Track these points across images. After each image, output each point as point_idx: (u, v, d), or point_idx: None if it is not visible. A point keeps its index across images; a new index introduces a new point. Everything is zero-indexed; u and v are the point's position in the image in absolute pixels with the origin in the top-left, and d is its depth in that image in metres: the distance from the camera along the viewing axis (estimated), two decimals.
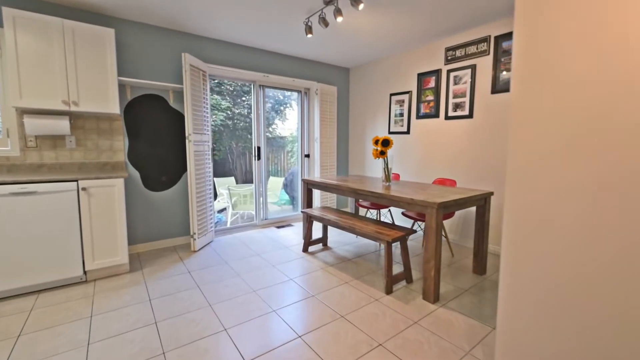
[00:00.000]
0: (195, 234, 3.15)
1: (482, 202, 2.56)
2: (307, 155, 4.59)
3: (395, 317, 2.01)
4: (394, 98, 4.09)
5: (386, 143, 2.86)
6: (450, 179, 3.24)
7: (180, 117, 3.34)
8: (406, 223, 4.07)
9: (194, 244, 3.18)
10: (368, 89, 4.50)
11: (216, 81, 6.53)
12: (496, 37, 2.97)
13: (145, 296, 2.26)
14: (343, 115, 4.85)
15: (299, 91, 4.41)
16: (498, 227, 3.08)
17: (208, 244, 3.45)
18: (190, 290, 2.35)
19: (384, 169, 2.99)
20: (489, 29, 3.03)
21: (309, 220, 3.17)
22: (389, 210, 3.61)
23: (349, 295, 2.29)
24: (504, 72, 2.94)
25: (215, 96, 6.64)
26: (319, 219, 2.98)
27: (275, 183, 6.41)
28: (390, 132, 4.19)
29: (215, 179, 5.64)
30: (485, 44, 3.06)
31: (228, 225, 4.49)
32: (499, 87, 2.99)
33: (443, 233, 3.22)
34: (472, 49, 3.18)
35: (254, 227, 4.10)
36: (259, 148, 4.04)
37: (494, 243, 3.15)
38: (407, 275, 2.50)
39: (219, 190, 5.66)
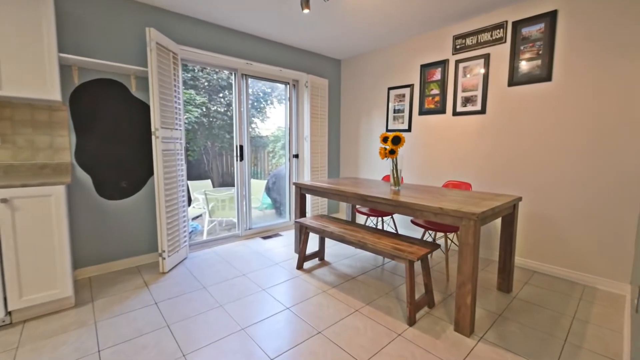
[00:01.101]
0: (164, 251, 2.56)
1: (511, 209, 2.21)
2: (296, 156, 4.09)
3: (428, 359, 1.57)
4: (393, 92, 3.70)
5: (397, 140, 2.44)
6: (464, 181, 2.88)
7: (145, 109, 2.73)
8: (411, 232, 3.68)
9: (163, 264, 2.58)
10: (362, 82, 4.08)
11: (190, 74, 5.88)
12: (514, 23, 2.65)
13: (93, 345, 1.66)
14: (334, 112, 4.41)
15: (286, 83, 3.91)
16: (525, 237, 2.74)
17: (181, 262, 2.85)
18: (157, 332, 1.78)
19: (393, 170, 2.57)
20: (505, 14, 2.70)
21: (304, 232, 2.68)
22: (392, 217, 3.21)
23: (364, 330, 1.83)
24: (524, 62, 2.62)
25: (190, 91, 5.98)
26: (319, 232, 2.50)
27: (257, 186, 5.82)
28: (388, 130, 3.79)
29: (189, 182, 4.98)
30: (501, 30, 2.73)
31: (205, 235, 3.89)
32: (517, 78, 2.67)
33: (454, 242, 2.85)
34: (485, 37, 2.84)
35: (237, 238, 3.53)
36: (241, 147, 3.49)
37: (520, 255, 2.82)
38: (429, 299, 2.08)
39: (194, 195, 5.00)
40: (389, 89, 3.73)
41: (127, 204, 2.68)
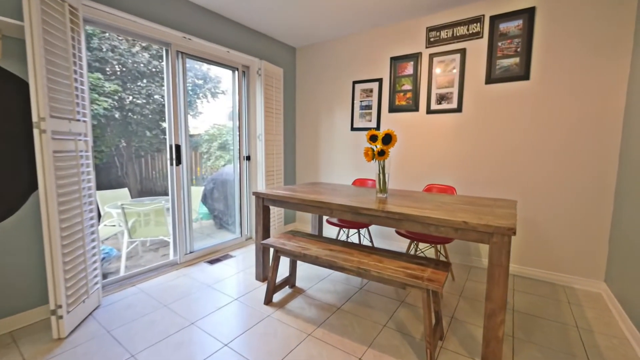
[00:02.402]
0: (60, 306, 1.67)
1: None
2: (248, 158, 3.41)
3: None
4: (359, 87, 3.34)
5: (388, 140, 2.05)
6: (445, 185, 2.66)
7: (22, 87, 1.78)
8: (388, 242, 3.37)
9: (59, 325, 1.69)
10: (322, 74, 3.63)
11: (95, 54, 4.60)
12: (492, 17, 2.52)
13: None
14: (289, 107, 3.85)
15: (234, 69, 3.20)
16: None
17: (91, 314, 1.96)
18: None
19: (379, 175, 2.17)
20: (482, 7, 2.57)
21: (275, 258, 2.08)
22: (368, 229, 2.84)
23: None
24: (501, 59, 2.52)
25: (96, 74, 4.70)
26: (297, 257, 1.94)
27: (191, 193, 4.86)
28: (354, 129, 3.42)
29: (96, 192, 3.81)
30: (478, 24, 2.59)
31: (123, 261, 2.93)
32: (495, 76, 2.56)
33: (443, 253, 2.61)
34: (461, 30, 2.68)
35: (173, 266, 2.70)
36: (177, 147, 2.68)
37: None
38: (441, 331, 1.73)
39: (105, 210, 3.85)
40: (354, 82, 3.36)
41: None
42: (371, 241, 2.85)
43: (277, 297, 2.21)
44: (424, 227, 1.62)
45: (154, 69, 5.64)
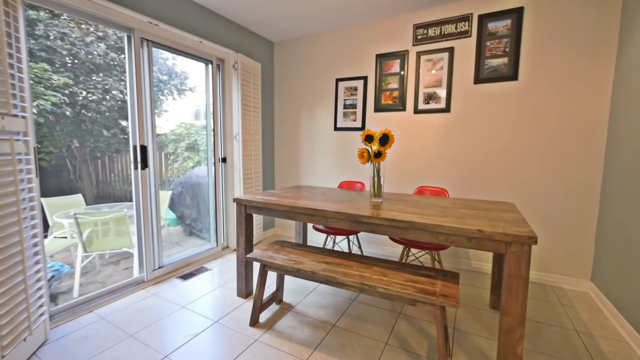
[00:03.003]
0: None
1: None
2: (224, 160, 3.11)
3: None
4: (343, 85, 3.18)
5: (385, 140, 1.90)
6: (437, 187, 2.57)
7: None
8: (374, 248, 3.22)
9: None
10: (303, 71, 3.43)
11: (40, 42, 4.04)
12: (480, 16, 2.48)
13: None
14: (267, 105, 3.60)
15: (208, 62, 2.89)
16: None
17: (34, 354, 1.59)
18: None
19: (374, 178, 2.02)
20: (471, 6, 2.52)
21: (262, 272, 1.85)
22: (357, 235, 2.68)
23: None
24: (490, 59, 2.48)
25: (42, 65, 4.13)
26: (289, 272, 1.72)
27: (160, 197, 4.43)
28: (337, 128, 3.25)
29: (43, 200, 3.29)
30: (467, 23, 2.54)
31: (77, 278, 2.52)
32: (484, 76, 2.52)
33: (437, 259, 2.51)
34: (449, 28, 2.61)
35: (139, 285, 2.35)
36: (142, 148, 2.34)
37: (487, 261, 2.68)
38: (449, 348, 1.60)
39: (54, 219, 3.35)
40: (338, 80, 3.20)
41: None
42: (360, 247, 2.70)
43: (263, 316, 1.98)
44: (433, 236, 1.48)
45: (112, 62, 5.09)
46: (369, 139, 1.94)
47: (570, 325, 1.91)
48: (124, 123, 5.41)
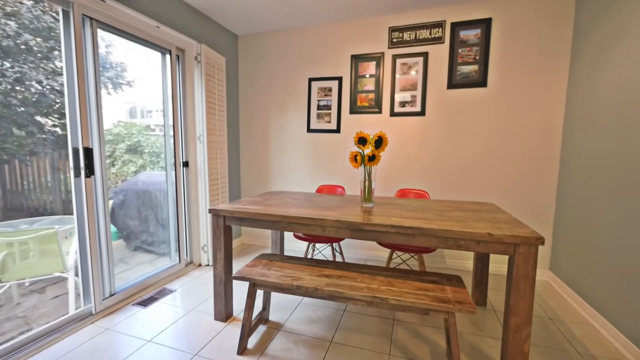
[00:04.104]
0: None
1: None
2: (186, 164, 2.74)
3: None
4: (316, 84, 3.06)
5: (379, 143, 1.82)
6: (416, 189, 2.60)
7: None
8: (352, 253, 3.14)
9: None
10: (272, 68, 3.21)
11: None
12: (453, 24, 2.58)
13: None
14: (232, 104, 3.30)
15: (165, 51, 2.52)
16: None
17: None
18: None
19: (365, 182, 1.93)
20: (444, 13, 2.60)
21: (251, 292, 1.62)
22: (339, 243, 2.58)
23: None
24: (462, 65, 2.59)
25: None
26: (288, 290, 1.53)
27: None
28: (311, 130, 3.12)
29: None
30: (440, 29, 2.62)
31: None
32: (456, 81, 2.62)
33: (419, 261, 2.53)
34: (424, 34, 2.67)
35: (86, 319, 1.91)
36: (86, 151, 1.91)
37: (450, 257, 2.80)
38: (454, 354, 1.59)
39: None
40: (311, 79, 3.06)
41: None
42: (341, 253, 2.60)
43: (251, 340, 1.75)
44: (441, 241, 1.45)
45: (27, 45, 4.22)
46: (362, 141, 1.85)
47: (543, 314, 2.06)
48: (43, 121, 4.55)
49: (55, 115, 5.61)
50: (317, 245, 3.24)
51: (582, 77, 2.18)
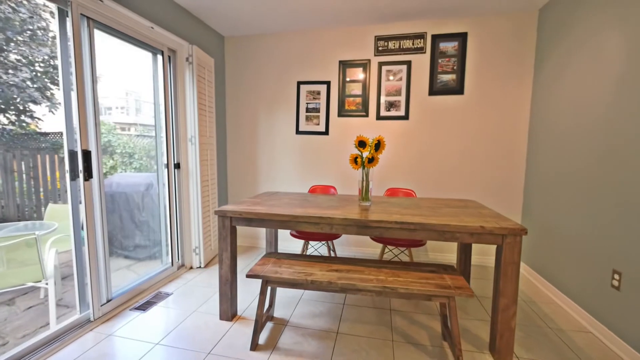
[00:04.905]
0: None
1: None
2: (178, 166, 2.71)
3: None
4: (305, 88, 3.16)
5: (378, 146, 1.97)
6: (402, 188, 2.79)
7: None
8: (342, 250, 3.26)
9: None
10: (260, 71, 3.26)
11: None
12: (433, 36, 2.81)
13: None
14: (219, 106, 3.29)
15: (157, 52, 2.47)
16: None
17: None
18: None
19: (362, 182, 2.08)
20: (425, 25, 2.83)
21: (263, 290, 1.69)
22: (332, 241, 2.69)
23: None
24: (441, 74, 2.84)
25: None
26: (301, 285, 1.62)
27: (63, 213, 3.65)
28: (299, 132, 3.21)
29: None
30: (422, 40, 2.84)
31: None
32: (437, 88, 2.86)
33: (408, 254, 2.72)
34: (407, 44, 2.88)
35: (84, 326, 1.85)
36: (85, 154, 1.86)
37: (433, 251, 3.04)
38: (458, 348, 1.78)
39: None
40: (300, 83, 3.15)
41: None
42: (334, 250, 2.73)
43: (261, 337, 1.81)
44: (439, 234, 1.62)
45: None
46: (362, 144, 1.99)
47: (522, 296, 2.34)
48: None
49: (13, 112, 5.16)
50: (315, 243, 3.33)
51: (543, 86, 2.50)
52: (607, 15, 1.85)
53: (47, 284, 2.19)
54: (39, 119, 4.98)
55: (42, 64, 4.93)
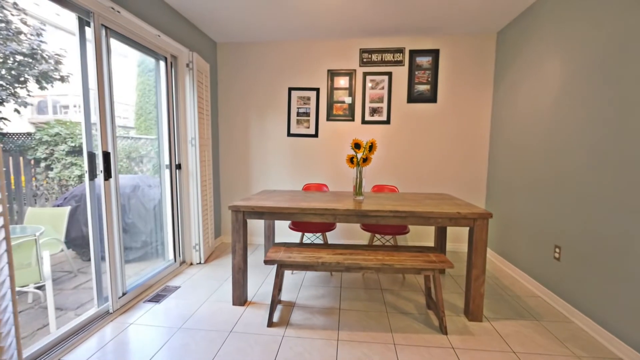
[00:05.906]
0: None
1: None
2: (179, 166, 2.84)
3: (496, 357, 1.64)
4: (296, 94, 3.41)
5: (371, 148, 2.29)
6: (392, 185, 3.14)
7: None
8: (333, 240, 3.55)
9: None
10: (253, 77, 3.46)
11: None
12: (411, 51, 3.21)
13: None
14: (213, 109, 3.45)
15: (160, 58, 2.60)
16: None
17: None
18: None
19: (357, 179, 2.39)
20: (404, 41, 3.22)
21: (278, 273, 1.94)
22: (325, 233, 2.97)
23: None
24: (418, 85, 3.24)
25: None
26: (312, 267, 1.89)
27: (45, 217, 3.63)
28: (291, 134, 3.46)
29: None
30: (401, 54, 3.23)
31: None
32: (414, 97, 3.26)
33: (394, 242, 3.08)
34: (388, 57, 3.25)
35: (105, 318, 1.97)
36: (105, 155, 1.98)
37: (412, 240, 3.44)
38: (440, 310, 2.14)
39: None
40: (291, 89, 3.40)
41: None
42: (326, 240, 3.02)
43: (274, 317, 2.05)
44: (425, 220, 1.98)
45: None
46: (357, 146, 2.30)
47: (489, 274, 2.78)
48: None
49: None
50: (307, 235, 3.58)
51: (501, 98, 2.99)
52: (548, 43, 2.33)
53: (37, 288, 2.26)
54: (4, 119, 4.73)
55: (10, 60, 4.72)
